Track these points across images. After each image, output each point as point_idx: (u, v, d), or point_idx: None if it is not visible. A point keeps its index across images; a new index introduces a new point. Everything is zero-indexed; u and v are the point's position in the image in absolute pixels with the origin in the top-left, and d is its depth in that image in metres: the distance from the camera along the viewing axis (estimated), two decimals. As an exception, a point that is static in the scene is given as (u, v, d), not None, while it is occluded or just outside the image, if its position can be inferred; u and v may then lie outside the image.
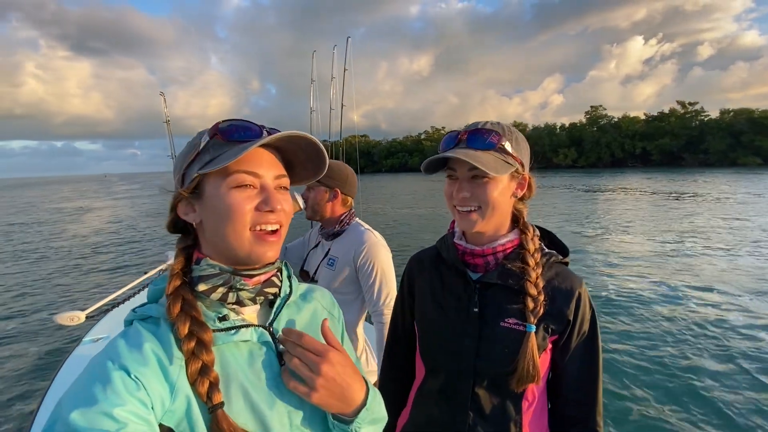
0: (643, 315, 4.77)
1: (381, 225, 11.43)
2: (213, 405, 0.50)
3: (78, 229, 14.83)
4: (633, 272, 6.49)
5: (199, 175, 0.55)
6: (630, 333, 4.30)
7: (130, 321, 0.56)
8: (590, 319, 0.85)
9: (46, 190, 52.91)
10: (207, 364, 0.51)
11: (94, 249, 10.92)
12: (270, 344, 0.59)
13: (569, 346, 0.84)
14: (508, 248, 0.86)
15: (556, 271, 0.86)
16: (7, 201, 33.63)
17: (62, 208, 24.22)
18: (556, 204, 16.32)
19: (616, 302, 5.20)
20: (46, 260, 9.59)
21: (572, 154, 62.27)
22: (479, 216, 0.81)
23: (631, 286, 5.78)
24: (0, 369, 4.19)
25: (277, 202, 0.56)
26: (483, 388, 0.84)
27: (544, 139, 64.62)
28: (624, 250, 8.04)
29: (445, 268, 0.93)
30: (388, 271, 1.56)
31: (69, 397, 0.46)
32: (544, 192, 21.17)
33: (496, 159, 0.78)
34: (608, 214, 13.07)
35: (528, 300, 0.80)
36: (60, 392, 1.79)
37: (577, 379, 0.85)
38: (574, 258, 7.41)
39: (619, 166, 58.29)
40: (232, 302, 0.56)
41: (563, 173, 44.02)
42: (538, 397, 0.86)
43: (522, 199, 0.88)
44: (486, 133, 0.79)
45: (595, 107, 67.55)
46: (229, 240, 0.55)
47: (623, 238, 9.35)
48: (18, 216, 20.47)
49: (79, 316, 2.54)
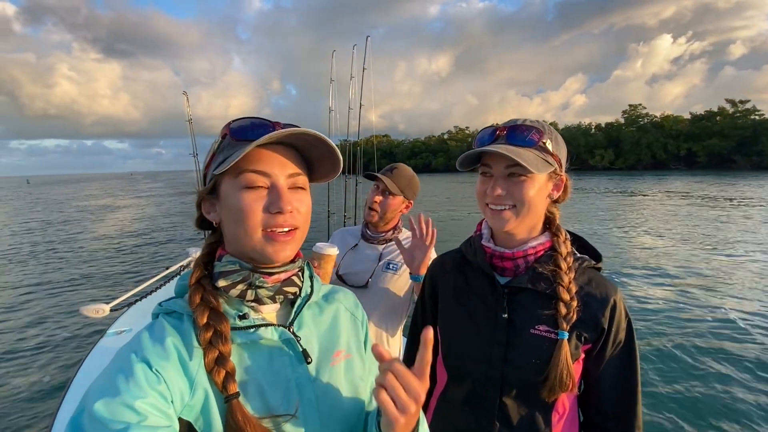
0: (685, 330, 4.52)
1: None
2: (228, 394, 0.51)
3: (103, 226, 15.66)
4: (678, 283, 6.17)
5: (215, 176, 0.57)
6: (665, 349, 4.09)
7: (156, 315, 0.59)
8: (626, 328, 0.82)
9: (75, 188, 56.23)
10: (223, 354, 0.52)
11: (119, 244, 11.52)
12: (291, 343, 0.59)
13: (603, 355, 0.81)
14: (540, 251, 0.84)
15: (589, 277, 0.84)
16: (40, 197, 35.97)
17: (89, 205, 25.62)
18: (594, 207, 15.78)
19: (654, 313, 4.96)
20: (73, 255, 10.20)
21: (609, 156, 60.11)
22: (513, 214, 0.80)
23: (674, 299, 5.50)
24: (28, 359, 4.48)
25: (286, 203, 0.55)
26: (511, 398, 0.82)
27: (579, 139, 62.72)
28: (672, 259, 7.67)
29: (471, 272, 0.92)
30: None
31: (95, 387, 0.49)
32: (580, 195, 20.54)
33: (536, 157, 0.77)
34: (651, 219, 12.51)
35: (560, 305, 0.78)
36: (85, 382, 1.88)
37: (614, 391, 0.82)
38: (616, 266, 7.14)
39: (660, 168, 55.74)
40: (251, 299, 0.57)
41: (600, 175, 42.52)
42: (569, 409, 0.84)
43: (556, 201, 0.87)
44: (526, 129, 0.78)
45: (634, 106, 64.94)
46: (242, 240, 0.56)
47: (667, 244, 8.93)
48: (48, 213, 21.82)
49: (104, 308, 2.69)
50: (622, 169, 57.96)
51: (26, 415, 3.45)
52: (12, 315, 5.92)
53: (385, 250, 1.60)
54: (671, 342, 4.21)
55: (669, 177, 36.42)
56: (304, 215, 0.59)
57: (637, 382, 0.82)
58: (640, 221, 12.36)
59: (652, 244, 9.03)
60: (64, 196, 36.95)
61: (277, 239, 0.56)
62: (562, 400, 0.82)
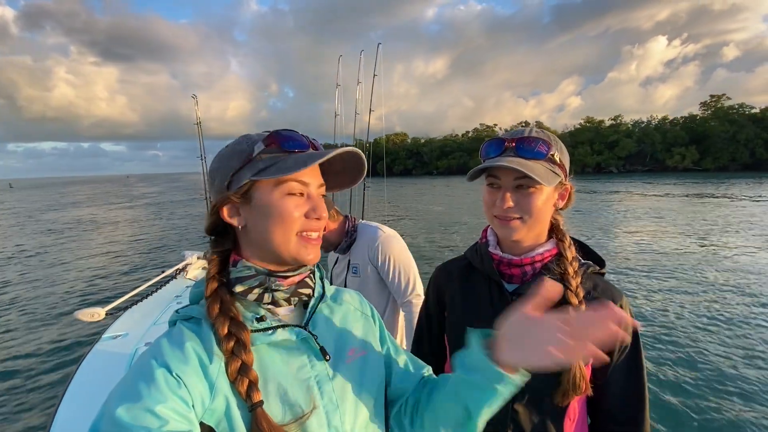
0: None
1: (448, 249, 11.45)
2: (253, 403, 0.60)
3: (100, 229, 16.92)
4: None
5: (251, 181, 0.67)
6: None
7: (174, 322, 0.68)
8: (633, 334, 0.93)
9: (70, 190, 59.95)
10: (246, 363, 0.62)
11: (114, 248, 12.47)
12: (309, 341, 0.70)
13: (611, 361, 0.93)
14: (546, 258, 0.97)
15: (594, 283, 0.97)
16: (34, 200, 38.63)
17: (85, 209, 27.27)
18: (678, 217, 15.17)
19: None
20: (68, 259, 11.10)
21: (692, 154, 57.39)
22: (522, 224, 0.92)
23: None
24: (23, 363, 4.94)
25: (323, 210, 0.70)
26: (522, 405, 0.94)
27: (654, 136, 60.34)
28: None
29: (478, 279, 1.05)
30: (407, 261, 1.82)
31: (116, 393, 0.56)
32: (661, 199, 19.68)
33: (546, 169, 0.89)
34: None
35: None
36: (81, 387, 2.12)
37: (622, 395, 0.94)
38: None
39: (757, 169, 52.62)
40: (267, 303, 0.68)
41: (682, 177, 40.44)
42: (579, 414, 0.96)
43: (561, 208, 1.00)
44: (534, 141, 0.90)
45: (717, 96, 61.33)
46: (277, 243, 0.68)
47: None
48: (44, 215, 23.50)
49: (99, 312, 2.97)
50: (710, 170, 55.15)
51: (22, 420, 3.80)
52: (6, 320, 6.49)
53: (350, 255, 1.89)
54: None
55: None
56: (325, 221, 0.73)
57: (644, 386, 0.94)
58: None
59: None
60: (60, 198, 39.54)
61: (310, 243, 0.70)
62: (574, 406, 0.95)
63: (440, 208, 19.71)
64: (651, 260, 8.93)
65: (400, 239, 1.89)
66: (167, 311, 3.17)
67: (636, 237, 11.56)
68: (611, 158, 62.27)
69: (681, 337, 5.13)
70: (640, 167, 60.99)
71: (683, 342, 5.02)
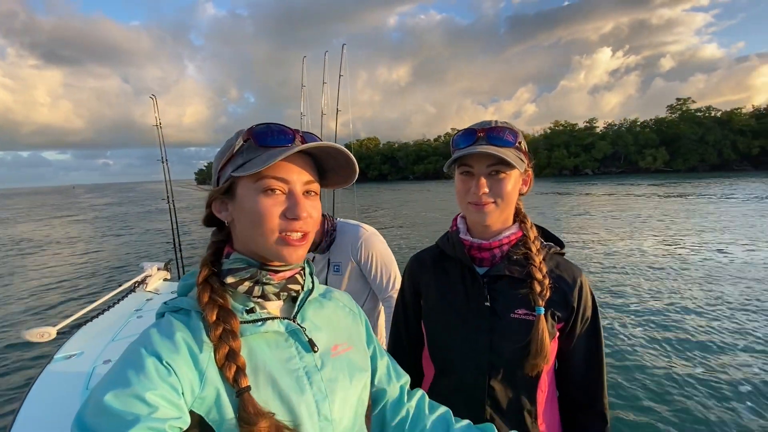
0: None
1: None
2: (240, 388, 0.62)
3: (47, 245, 16.12)
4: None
5: (233, 177, 0.69)
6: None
7: (162, 313, 0.70)
8: (592, 306, 1.09)
9: (6, 204, 56.86)
10: (234, 350, 0.64)
11: (65, 264, 11.95)
12: (297, 334, 0.74)
13: (574, 332, 1.08)
14: (513, 240, 1.09)
15: (556, 262, 1.11)
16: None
17: (24, 225, 25.98)
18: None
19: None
20: (7, 279, 10.50)
21: (663, 156, 60.46)
22: (495, 207, 1.02)
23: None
24: None
25: (302, 209, 0.69)
26: (498, 381, 1.05)
27: (626, 138, 63.31)
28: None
29: (450, 265, 1.15)
30: (389, 258, 1.94)
31: (104, 382, 0.57)
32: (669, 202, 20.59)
33: (515, 156, 1.00)
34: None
35: (535, 284, 1.02)
36: (33, 412, 2.01)
37: (583, 364, 1.09)
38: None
39: (722, 169, 56.06)
40: (257, 296, 0.71)
41: (654, 178, 42.41)
42: (549, 386, 1.08)
43: (523, 194, 1.12)
44: (502, 131, 1.01)
45: (683, 99, 65.37)
46: (257, 241, 0.69)
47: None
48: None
49: (49, 332, 2.84)
50: (680, 171, 58.21)
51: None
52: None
53: (331, 254, 1.99)
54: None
55: (744, 179, 36.22)
56: (315, 220, 0.73)
57: (602, 354, 1.10)
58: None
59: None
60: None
61: (291, 243, 0.69)
62: (545, 379, 1.06)
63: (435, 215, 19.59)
64: (624, 259, 9.43)
65: (380, 237, 2.00)
66: (127, 326, 3.07)
67: (604, 236, 12.06)
68: (588, 160, 65.93)
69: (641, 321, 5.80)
70: (614, 169, 64.48)
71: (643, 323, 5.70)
